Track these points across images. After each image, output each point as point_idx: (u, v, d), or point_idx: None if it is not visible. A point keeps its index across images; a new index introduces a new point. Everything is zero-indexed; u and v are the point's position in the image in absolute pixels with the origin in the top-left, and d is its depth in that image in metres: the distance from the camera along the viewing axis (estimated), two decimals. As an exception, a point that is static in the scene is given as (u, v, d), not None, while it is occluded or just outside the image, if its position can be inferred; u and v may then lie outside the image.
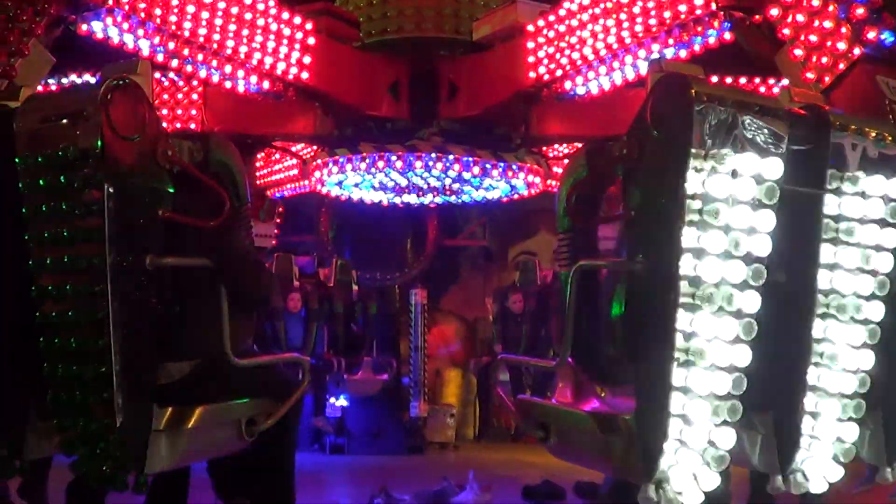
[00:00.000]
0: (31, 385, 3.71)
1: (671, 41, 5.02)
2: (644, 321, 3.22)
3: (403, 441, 8.99)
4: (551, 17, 5.66)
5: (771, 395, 3.31)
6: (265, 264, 3.68)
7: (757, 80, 6.48)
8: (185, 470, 3.87)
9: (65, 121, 3.13)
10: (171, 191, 3.33)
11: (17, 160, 3.17)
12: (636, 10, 5.02)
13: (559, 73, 5.64)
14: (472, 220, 12.31)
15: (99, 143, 3.05)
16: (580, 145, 7.14)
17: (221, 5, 5.00)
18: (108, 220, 3.07)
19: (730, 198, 3.01)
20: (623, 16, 5.09)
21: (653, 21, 4.97)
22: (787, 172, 3.07)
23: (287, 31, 5.44)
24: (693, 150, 3.04)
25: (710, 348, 3.02)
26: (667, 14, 4.89)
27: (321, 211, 9.35)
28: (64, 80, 5.90)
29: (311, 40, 5.62)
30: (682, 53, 5.22)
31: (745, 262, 3.03)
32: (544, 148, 7.28)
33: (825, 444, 3.30)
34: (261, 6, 5.29)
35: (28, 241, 3.19)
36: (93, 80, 6.80)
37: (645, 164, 3.30)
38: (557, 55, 5.58)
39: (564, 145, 7.49)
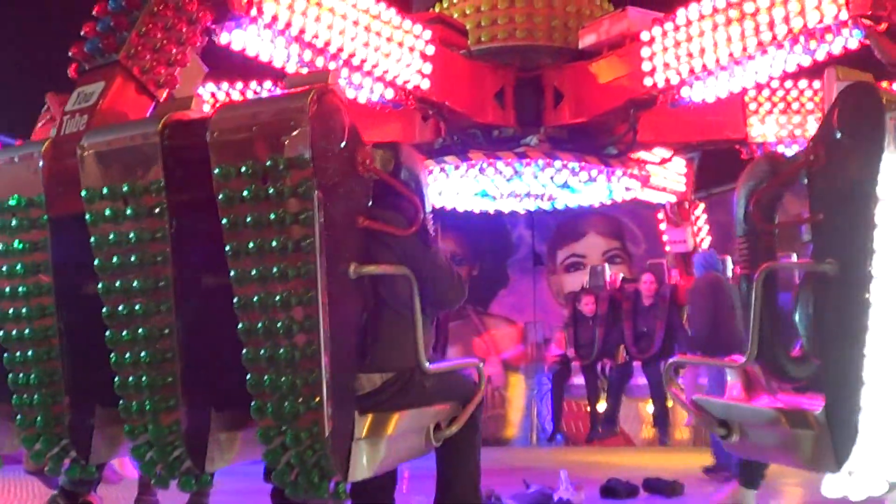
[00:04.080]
0: (98, 392, 3.88)
1: (797, 49, 5.06)
2: (835, 320, 3.35)
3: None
4: (669, 25, 5.68)
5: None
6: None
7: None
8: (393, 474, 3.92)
9: (270, 130, 3.17)
10: (368, 200, 3.39)
11: (216, 170, 3.22)
12: (764, 18, 5.04)
13: (676, 80, 5.66)
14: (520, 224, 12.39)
15: (309, 152, 3.10)
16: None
17: (352, 15, 5.05)
18: (318, 229, 3.12)
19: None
20: (749, 25, 5.12)
21: (780, 30, 4.99)
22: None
23: (409, 41, 5.50)
24: (884, 155, 3.16)
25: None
26: (796, 23, 4.91)
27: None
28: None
29: (430, 49, 5.67)
30: (805, 61, 5.27)
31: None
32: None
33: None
34: (386, 16, 5.34)
35: (228, 252, 3.23)
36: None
37: (833, 169, 3.42)
38: (675, 63, 5.60)
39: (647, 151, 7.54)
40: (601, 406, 9.61)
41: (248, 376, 3.26)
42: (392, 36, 5.35)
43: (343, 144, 3.24)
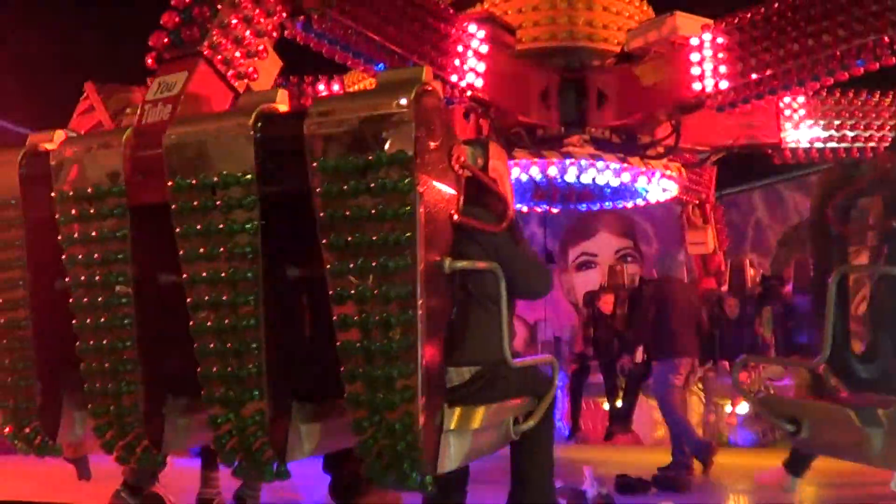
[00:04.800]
0: (170, 382, 3.92)
1: (846, 62, 5.14)
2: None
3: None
4: (721, 31, 5.73)
5: None
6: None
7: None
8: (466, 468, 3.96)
9: (371, 125, 3.19)
10: (461, 196, 3.42)
11: (315, 164, 3.23)
12: (819, 29, 5.12)
13: (725, 85, 5.72)
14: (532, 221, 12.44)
15: (412, 149, 3.12)
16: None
17: (412, 11, 5.08)
18: (419, 224, 3.14)
19: None
20: (804, 35, 5.18)
21: (836, 42, 5.06)
22: None
23: (466, 39, 5.52)
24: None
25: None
26: (852, 37, 4.99)
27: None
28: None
29: (484, 48, 5.69)
30: (857, 72, 5.36)
31: None
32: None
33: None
34: (444, 13, 5.37)
35: (326, 246, 3.25)
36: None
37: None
38: (724, 68, 5.66)
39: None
40: (619, 404, 9.69)
41: (343, 368, 3.28)
42: (450, 33, 5.37)
43: (440, 141, 3.27)
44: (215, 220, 3.47)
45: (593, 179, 6.60)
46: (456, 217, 3.36)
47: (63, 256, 3.90)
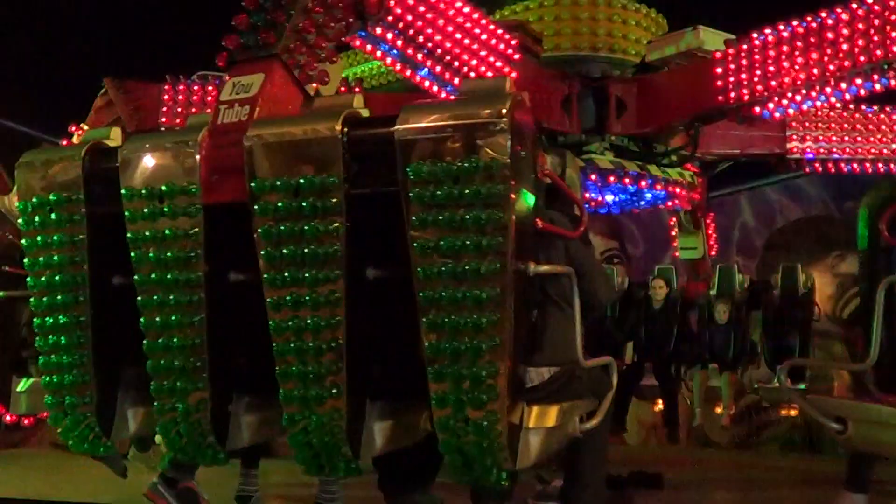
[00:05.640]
0: (237, 380, 4.00)
1: (875, 76, 5.37)
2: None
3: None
4: (745, 46, 5.93)
5: None
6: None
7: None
8: None
9: (466, 133, 3.28)
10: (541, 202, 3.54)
11: (407, 169, 3.31)
12: (843, 47, 5.34)
13: (748, 98, 5.92)
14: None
15: (507, 157, 3.22)
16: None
17: (459, 19, 5.18)
18: (510, 231, 3.25)
19: None
20: (827, 51, 5.40)
21: (859, 59, 5.29)
22: None
23: (501, 47, 5.64)
24: None
25: None
26: (876, 54, 5.21)
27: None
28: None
29: (517, 56, 5.82)
30: (877, 88, 5.60)
31: None
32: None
33: None
34: (482, 21, 5.48)
35: (416, 248, 3.33)
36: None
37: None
38: (748, 82, 5.86)
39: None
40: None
41: (430, 367, 3.37)
42: (487, 41, 5.48)
43: (528, 149, 3.38)
44: (299, 221, 3.53)
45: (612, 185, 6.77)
46: (539, 223, 3.47)
47: (131, 253, 3.92)
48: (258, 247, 3.62)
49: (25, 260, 4.22)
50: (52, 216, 4.10)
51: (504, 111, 3.23)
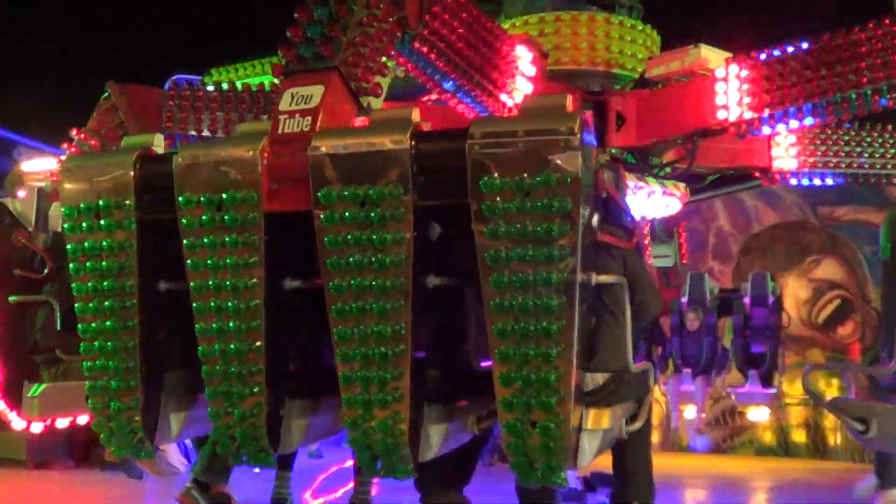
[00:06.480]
0: (291, 384, 4.11)
1: (876, 97, 5.68)
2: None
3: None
4: (747, 65, 6.20)
5: None
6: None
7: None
8: None
9: (538, 148, 3.42)
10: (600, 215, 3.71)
11: (480, 182, 3.44)
12: (846, 68, 5.64)
13: (749, 115, 6.19)
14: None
15: (579, 171, 3.38)
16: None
17: (484, 35, 5.33)
18: (579, 242, 3.41)
19: None
20: (830, 72, 5.70)
21: (862, 79, 5.59)
22: None
23: (516, 61, 5.81)
24: None
25: None
26: (879, 75, 5.52)
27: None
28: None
29: (531, 70, 5.99)
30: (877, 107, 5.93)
31: None
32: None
33: None
34: (504, 36, 5.64)
35: (487, 258, 3.46)
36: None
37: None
38: (749, 100, 6.13)
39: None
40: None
41: (499, 373, 3.51)
42: (507, 55, 5.65)
43: (591, 164, 3.55)
44: (366, 230, 3.64)
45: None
46: (600, 234, 3.64)
47: (187, 260, 3.97)
48: (323, 255, 3.71)
49: (71, 265, 4.23)
50: (102, 222, 4.13)
51: (575, 128, 3.39)
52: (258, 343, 3.92)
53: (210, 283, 3.95)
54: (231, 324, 3.94)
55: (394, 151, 3.61)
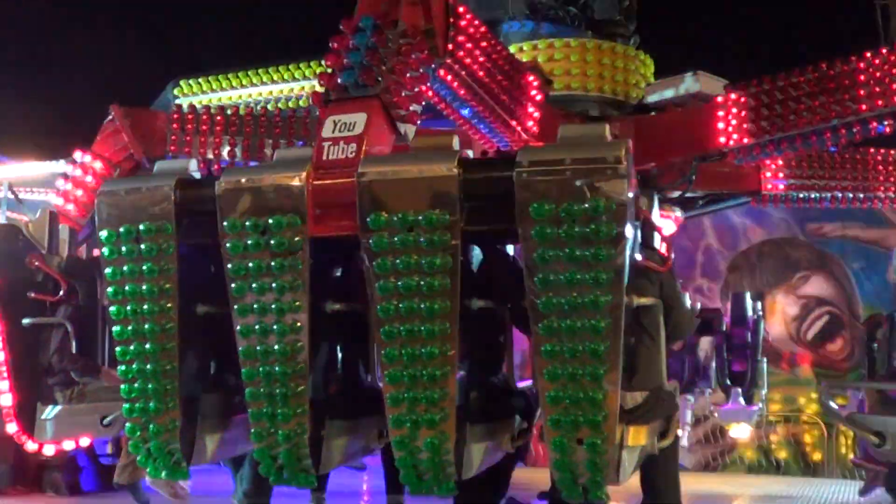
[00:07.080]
0: (332, 405, 4.21)
1: (874, 123, 5.95)
2: None
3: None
4: (751, 92, 6.42)
5: None
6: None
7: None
8: None
9: (585, 175, 3.55)
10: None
11: (531, 208, 3.56)
12: (845, 95, 5.90)
13: (746, 140, 6.41)
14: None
15: (627, 198, 3.52)
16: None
17: (500, 63, 5.48)
18: (625, 267, 3.55)
19: None
20: (828, 99, 5.94)
21: (861, 107, 5.85)
22: None
23: (527, 88, 5.96)
24: None
25: None
26: (878, 102, 5.78)
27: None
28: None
29: (539, 96, 6.15)
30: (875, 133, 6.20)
31: None
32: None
33: None
34: (518, 64, 5.79)
35: (537, 282, 3.58)
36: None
37: None
38: (747, 126, 6.36)
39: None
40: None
41: (547, 393, 3.62)
42: (519, 83, 5.80)
43: (634, 191, 3.70)
44: (413, 255, 3.73)
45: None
46: (639, 258, 3.80)
47: (231, 284, 4.02)
48: (372, 279, 3.80)
49: (109, 289, 4.25)
50: (142, 246, 4.17)
51: (622, 157, 3.55)
52: (302, 365, 3.99)
53: (255, 305, 4.02)
54: (276, 346, 4.00)
55: (443, 178, 3.71)
